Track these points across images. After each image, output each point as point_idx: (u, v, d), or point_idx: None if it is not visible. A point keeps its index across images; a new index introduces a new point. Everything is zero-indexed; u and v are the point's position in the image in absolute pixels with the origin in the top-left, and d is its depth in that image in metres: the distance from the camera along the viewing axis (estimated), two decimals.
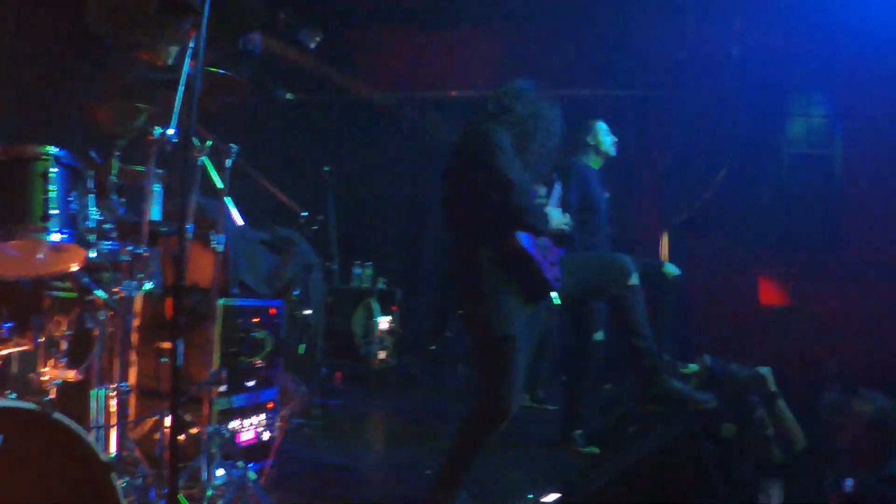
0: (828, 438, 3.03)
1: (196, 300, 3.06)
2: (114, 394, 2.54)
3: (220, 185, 2.93)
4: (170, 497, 1.99)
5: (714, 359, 3.68)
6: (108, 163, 2.64)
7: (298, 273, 4.60)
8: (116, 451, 2.47)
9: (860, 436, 2.78)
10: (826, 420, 3.08)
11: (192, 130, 2.15)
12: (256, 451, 3.29)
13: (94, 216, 2.42)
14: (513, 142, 2.83)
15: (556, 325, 5.26)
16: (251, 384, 3.28)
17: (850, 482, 2.47)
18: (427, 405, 5.72)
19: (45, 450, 1.94)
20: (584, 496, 3.03)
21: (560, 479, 3.48)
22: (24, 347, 2.38)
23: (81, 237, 2.31)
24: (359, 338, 5.95)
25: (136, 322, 2.85)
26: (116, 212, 2.57)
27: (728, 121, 6.66)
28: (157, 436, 2.78)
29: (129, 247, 2.54)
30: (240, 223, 4.49)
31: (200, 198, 2.95)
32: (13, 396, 2.05)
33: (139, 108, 2.77)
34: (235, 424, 3.18)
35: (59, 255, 2.37)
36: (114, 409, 2.56)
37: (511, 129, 2.86)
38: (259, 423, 3.35)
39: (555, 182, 3.09)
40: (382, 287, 6.33)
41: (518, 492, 3.32)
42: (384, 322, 6.10)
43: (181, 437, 2.70)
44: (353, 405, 5.27)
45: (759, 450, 3.22)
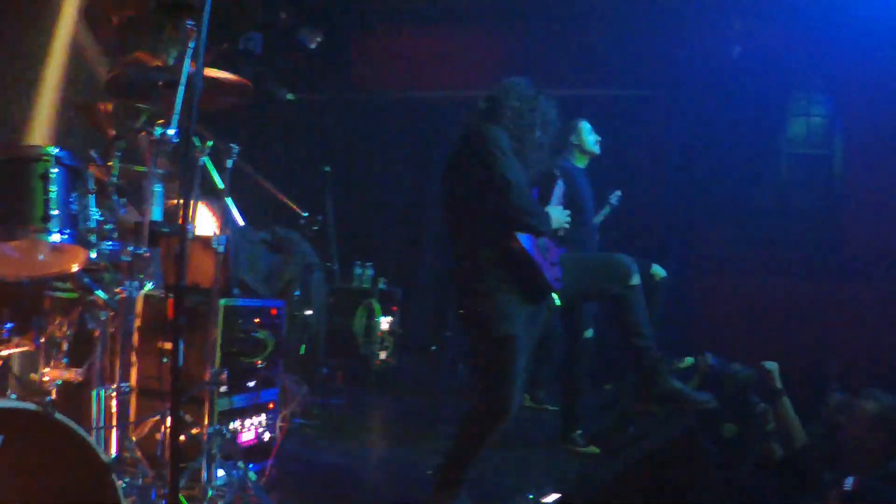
0: (831, 437, 3.02)
1: (197, 300, 3.05)
2: (114, 394, 2.54)
3: (221, 186, 2.94)
4: (170, 497, 1.98)
5: (716, 358, 3.68)
6: (109, 163, 2.64)
7: (299, 273, 4.61)
8: (117, 452, 2.48)
9: (865, 434, 2.77)
10: (830, 418, 3.07)
11: (192, 131, 2.15)
12: (257, 452, 3.28)
13: (95, 216, 2.42)
14: (510, 140, 2.83)
15: (557, 326, 5.27)
16: (252, 384, 3.28)
17: (850, 480, 2.47)
18: (427, 405, 5.72)
19: (46, 450, 1.94)
20: (584, 496, 3.03)
21: (560, 480, 3.49)
22: (25, 348, 2.38)
23: (82, 237, 2.31)
24: (360, 338, 5.95)
25: (137, 322, 2.84)
26: (117, 212, 2.57)
27: (728, 121, 6.66)
28: (158, 436, 2.77)
29: (130, 247, 2.53)
30: (240, 223, 4.50)
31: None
32: (14, 397, 2.05)
33: (139, 108, 2.77)
34: (236, 425, 3.17)
35: (60, 256, 2.37)
36: (115, 410, 2.55)
37: (508, 128, 2.86)
38: (260, 424, 3.34)
39: (557, 179, 3.08)
40: (382, 287, 6.32)
41: (518, 492, 3.32)
42: (385, 322, 6.10)
43: (182, 438, 2.69)
44: (354, 405, 5.27)
45: (760, 446, 3.22)
